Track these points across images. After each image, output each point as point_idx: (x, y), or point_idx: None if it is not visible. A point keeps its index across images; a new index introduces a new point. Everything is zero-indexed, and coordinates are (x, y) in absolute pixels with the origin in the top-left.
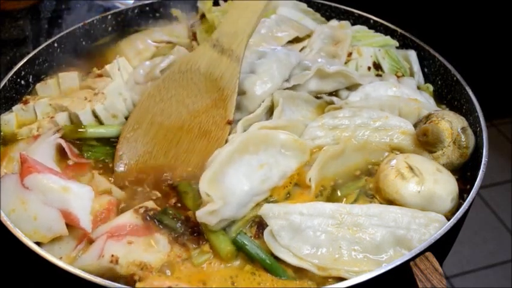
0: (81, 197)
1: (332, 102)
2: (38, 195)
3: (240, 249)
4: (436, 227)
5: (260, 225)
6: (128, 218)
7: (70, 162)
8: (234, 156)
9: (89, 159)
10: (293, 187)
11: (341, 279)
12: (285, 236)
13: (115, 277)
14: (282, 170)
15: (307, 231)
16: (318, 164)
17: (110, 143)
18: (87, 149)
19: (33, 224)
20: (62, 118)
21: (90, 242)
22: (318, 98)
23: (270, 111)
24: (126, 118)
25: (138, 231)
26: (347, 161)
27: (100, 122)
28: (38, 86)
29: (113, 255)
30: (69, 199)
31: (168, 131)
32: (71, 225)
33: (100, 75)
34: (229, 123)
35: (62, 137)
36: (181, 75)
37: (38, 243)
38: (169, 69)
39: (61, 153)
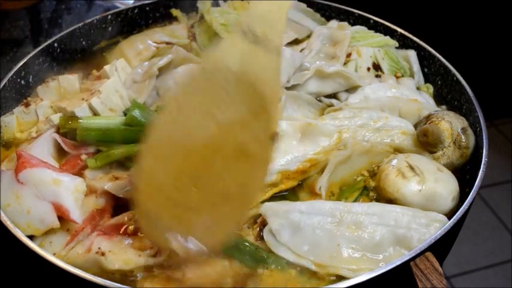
0: (72, 189)
1: (331, 105)
2: (31, 189)
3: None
4: (436, 227)
5: (262, 225)
6: (122, 220)
7: (68, 156)
8: None
9: (83, 141)
10: (302, 193)
11: (341, 278)
12: (284, 234)
13: (103, 272)
14: (293, 155)
15: (306, 229)
16: (328, 171)
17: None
18: (81, 132)
19: (27, 217)
20: (56, 117)
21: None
22: (318, 101)
23: None
24: (124, 113)
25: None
26: (353, 165)
27: None
28: (39, 88)
29: (99, 248)
30: (60, 192)
31: (196, 154)
32: (62, 217)
33: (99, 77)
34: (273, 137)
35: (57, 132)
36: (205, 78)
37: (32, 237)
38: (188, 73)
39: (59, 148)
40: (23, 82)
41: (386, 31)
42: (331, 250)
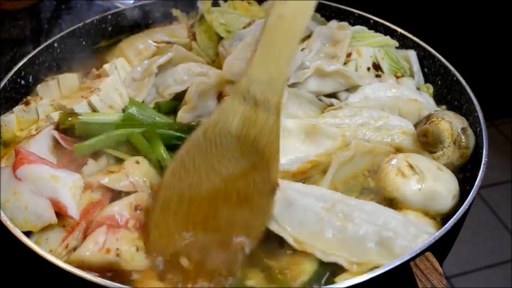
0: (70, 185)
1: (332, 105)
2: (29, 185)
3: None
4: (424, 238)
5: None
6: (120, 208)
7: (66, 153)
8: None
9: (81, 137)
10: None
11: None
12: (276, 206)
13: (114, 271)
14: (295, 155)
15: (297, 207)
16: (331, 173)
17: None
18: (79, 126)
19: (24, 213)
20: (56, 115)
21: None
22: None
23: None
24: (123, 110)
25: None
26: (356, 166)
27: None
28: (39, 87)
29: (117, 249)
30: (57, 187)
31: (202, 203)
32: (60, 213)
33: (99, 76)
34: (274, 189)
35: (56, 129)
36: (209, 142)
37: (29, 233)
38: (191, 138)
39: (58, 145)
40: (23, 82)
41: (387, 31)
42: (313, 231)
